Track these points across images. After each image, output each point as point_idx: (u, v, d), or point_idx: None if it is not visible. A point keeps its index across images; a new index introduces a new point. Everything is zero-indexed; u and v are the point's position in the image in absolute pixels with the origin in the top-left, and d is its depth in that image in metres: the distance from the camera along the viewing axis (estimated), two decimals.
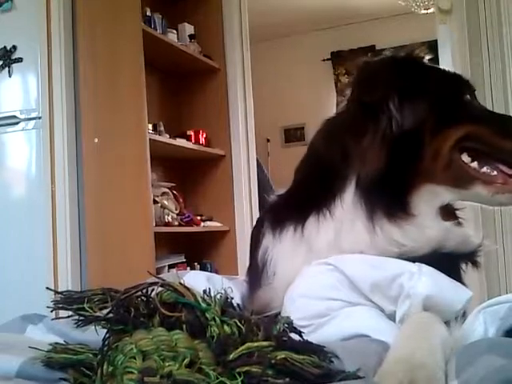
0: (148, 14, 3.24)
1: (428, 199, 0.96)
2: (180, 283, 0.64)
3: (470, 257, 1.00)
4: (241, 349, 0.57)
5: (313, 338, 0.67)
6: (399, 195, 0.95)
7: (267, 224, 1.04)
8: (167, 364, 0.55)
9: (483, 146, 0.99)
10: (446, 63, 3.15)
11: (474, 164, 0.98)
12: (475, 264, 1.01)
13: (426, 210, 0.96)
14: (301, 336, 0.64)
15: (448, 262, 0.95)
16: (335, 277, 0.90)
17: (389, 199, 0.94)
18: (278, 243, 1.00)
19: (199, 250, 3.67)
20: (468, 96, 1.04)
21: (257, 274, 1.02)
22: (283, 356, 0.57)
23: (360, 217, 0.94)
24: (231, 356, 0.57)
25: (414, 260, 0.91)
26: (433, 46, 3.40)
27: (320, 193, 0.99)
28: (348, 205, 0.96)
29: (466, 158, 0.98)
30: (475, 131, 0.99)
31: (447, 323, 0.82)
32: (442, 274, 0.88)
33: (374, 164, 0.94)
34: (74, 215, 3.00)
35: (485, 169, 0.98)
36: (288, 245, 0.99)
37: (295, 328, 0.64)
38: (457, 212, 1.05)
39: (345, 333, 0.83)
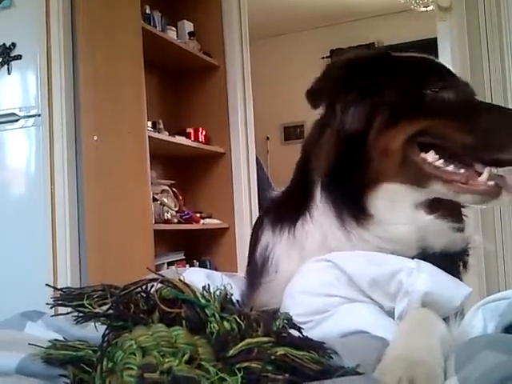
0: (147, 11, 3.24)
1: (387, 198, 0.94)
2: (179, 280, 0.64)
3: (460, 256, 0.98)
4: (240, 345, 0.57)
5: (312, 334, 0.67)
6: (357, 195, 0.94)
7: (267, 221, 1.06)
8: (167, 360, 0.55)
9: (440, 141, 0.94)
10: (445, 60, 3.14)
11: (440, 161, 0.94)
12: (464, 264, 0.98)
13: (388, 209, 0.94)
14: (300, 332, 0.64)
15: (441, 263, 0.92)
16: (333, 273, 0.90)
17: (349, 200, 0.95)
18: (279, 241, 1.01)
19: (198, 247, 3.67)
20: (435, 87, 0.97)
21: (256, 270, 1.03)
22: (283, 352, 0.57)
23: (333, 219, 0.96)
24: (231, 352, 0.57)
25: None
26: (432, 44, 3.41)
27: (302, 195, 1.01)
28: (320, 207, 0.97)
29: (431, 155, 0.94)
30: (430, 126, 0.95)
31: (446, 319, 0.82)
32: (441, 271, 0.88)
33: (325, 162, 0.97)
34: (74, 213, 3.00)
35: (451, 166, 0.94)
36: (285, 243, 1.01)
37: (295, 324, 0.64)
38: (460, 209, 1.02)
39: (344, 329, 0.83)
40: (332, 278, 0.90)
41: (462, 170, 0.94)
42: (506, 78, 3.10)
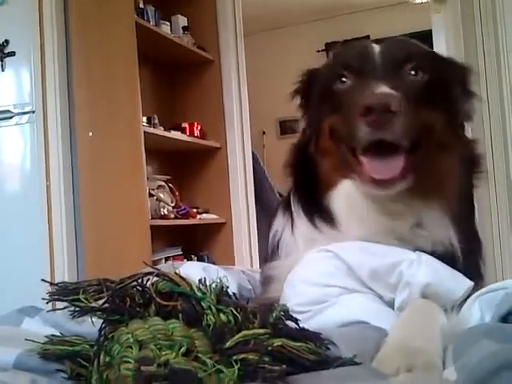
0: (141, 6, 3.22)
1: (345, 199, 0.94)
2: (175, 273, 0.64)
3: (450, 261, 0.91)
4: (237, 337, 0.57)
5: (311, 324, 0.67)
6: (319, 199, 0.96)
7: (280, 208, 1.08)
8: (164, 353, 0.55)
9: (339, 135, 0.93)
10: (440, 52, 3.14)
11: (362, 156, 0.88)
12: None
13: (348, 211, 0.94)
14: (297, 323, 0.64)
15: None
16: (333, 264, 0.90)
17: (315, 205, 0.97)
18: (287, 229, 1.03)
19: (196, 242, 3.67)
20: (341, 78, 0.95)
21: (267, 256, 1.06)
22: (279, 343, 0.57)
23: (309, 226, 0.98)
24: (227, 344, 0.57)
25: None
26: (428, 36, 3.41)
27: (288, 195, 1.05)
28: (296, 213, 1.01)
29: (359, 150, 0.89)
30: (332, 122, 0.95)
31: (445, 311, 0.83)
32: (442, 263, 0.88)
33: (288, 171, 1.03)
34: (70, 209, 2.99)
35: (366, 158, 0.87)
36: (290, 232, 1.03)
37: (291, 315, 0.64)
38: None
39: (343, 319, 0.83)
40: (332, 268, 0.90)
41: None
42: (501, 69, 3.10)
